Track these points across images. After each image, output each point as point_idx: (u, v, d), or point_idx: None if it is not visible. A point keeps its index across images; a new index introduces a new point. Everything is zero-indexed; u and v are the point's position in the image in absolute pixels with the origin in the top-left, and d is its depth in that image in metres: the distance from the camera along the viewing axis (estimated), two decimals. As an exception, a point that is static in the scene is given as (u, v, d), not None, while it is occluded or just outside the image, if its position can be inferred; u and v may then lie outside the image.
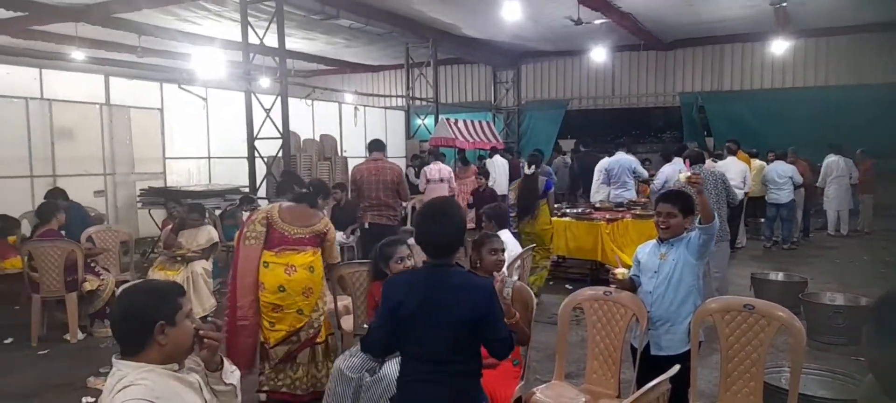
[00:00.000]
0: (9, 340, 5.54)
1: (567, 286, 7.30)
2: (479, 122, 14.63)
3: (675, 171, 6.80)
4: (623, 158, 8.88)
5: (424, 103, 15.60)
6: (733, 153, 9.22)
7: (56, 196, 6.91)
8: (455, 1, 11.13)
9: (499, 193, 11.58)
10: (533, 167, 7.19)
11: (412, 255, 3.49)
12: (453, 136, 13.12)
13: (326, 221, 4.09)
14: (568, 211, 7.85)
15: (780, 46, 13.30)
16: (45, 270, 5.50)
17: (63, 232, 5.95)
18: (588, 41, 13.84)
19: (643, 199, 8.89)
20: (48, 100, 8.98)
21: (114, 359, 1.88)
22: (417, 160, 12.98)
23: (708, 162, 7.89)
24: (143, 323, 1.84)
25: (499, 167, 11.63)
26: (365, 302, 3.91)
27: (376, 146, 6.78)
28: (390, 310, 2.40)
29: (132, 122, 9.95)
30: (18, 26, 11.59)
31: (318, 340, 3.96)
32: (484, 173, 9.28)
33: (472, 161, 12.72)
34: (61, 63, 12.93)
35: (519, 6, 10.26)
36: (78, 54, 13.02)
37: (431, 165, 11.02)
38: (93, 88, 9.64)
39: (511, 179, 12.29)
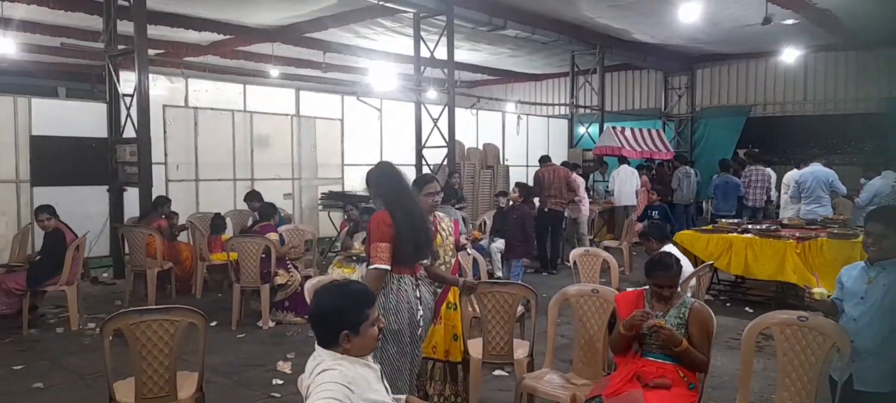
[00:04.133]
0: (214, 323, 6.30)
1: (747, 309, 6.71)
2: (648, 130, 13.98)
3: (886, 185, 5.95)
4: (818, 170, 7.97)
5: (589, 111, 15.26)
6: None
7: (254, 198, 7.79)
8: (626, 5, 10.75)
9: (624, 204, 11.10)
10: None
11: (441, 194, 3.71)
12: (619, 145, 12.67)
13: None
14: (750, 227, 7.18)
15: None
16: (245, 263, 6.19)
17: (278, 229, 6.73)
18: (775, 42, 12.63)
19: (840, 216, 7.86)
20: (250, 112, 10.14)
21: (316, 345, 2.08)
22: (578, 170, 12.69)
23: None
24: (330, 328, 2.03)
25: (624, 177, 11.18)
26: (498, 323, 3.90)
27: (545, 159, 10.01)
28: None
29: (317, 132, 10.91)
30: (226, 48, 13.23)
31: (451, 358, 3.91)
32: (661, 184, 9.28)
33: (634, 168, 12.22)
34: (260, 79, 14.53)
35: (697, 7, 9.66)
36: (273, 71, 14.54)
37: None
38: (285, 101, 10.73)
39: (662, 189, 11.71)
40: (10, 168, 8.19)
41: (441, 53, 10.48)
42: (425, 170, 11.04)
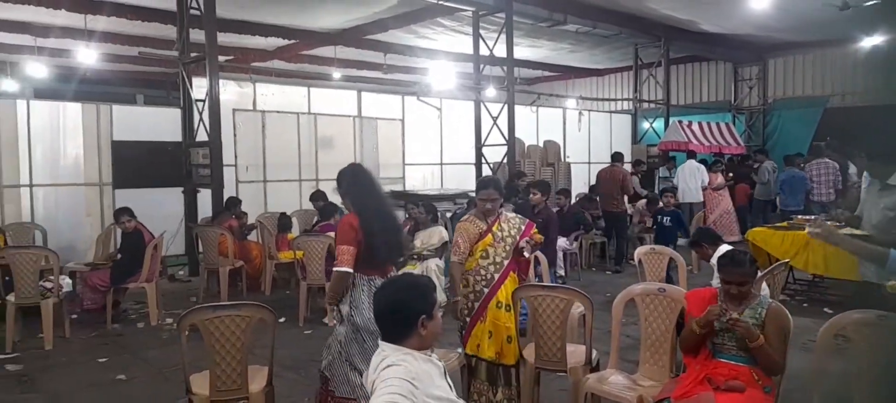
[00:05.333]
0: (282, 319, 6.50)
1: (825, 309, 6.37)
2: (717, 124, 13.48)
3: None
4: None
5: (653, 106, 14.85)
6: None
7: (319, 197, 7.99)
8: (692, -5, 10.42)
9: (689, 201, 10.66)
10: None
11: (500, 199, 3.89)
12: (686, 140, 12.27)
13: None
14: (827, 223, 6.81)
15: None
16: (310, 261, 6.36)
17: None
18: (856, 28, 11.93)
19: None
20: (314, 114, 10.41)
21: (380, 341, 2.12)
22: (642, 166, 12.41)
23: None
24: (407, 316, 2.07)
25: (688, 173, 10.74)
26: (550, 327, 3.78)
27: (616, 157, 9.91)
28: None
29: (378, 132, 11.09)
30: (291, 52, 13.61)
31: (504, 360, 3.81)
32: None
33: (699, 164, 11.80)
34: (323, 82, 14.88)
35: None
36: (336, 73, 14.87)
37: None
38: (348, 103, 10.95)
39: (738, 183, 11.22)
40: (94, 171, 8.70)
41: (500, 51, 10.44)
42: (485, 168, 11.02)
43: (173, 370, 4.93)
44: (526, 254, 3.91)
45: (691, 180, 10.86)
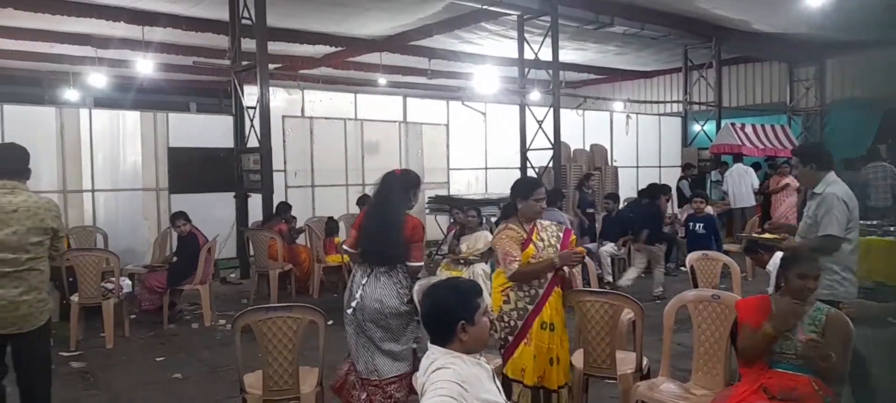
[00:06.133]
0: (330, 322, 6.58)
1: (890, 319, 6.08)
2: (772, 126, 13.06)
3: None
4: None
5: (704, 108, 14.49)
6: None
7: (365, 202, 8.08)
8: (745, -6, 10.13)
9: (740, 205, 10.28)
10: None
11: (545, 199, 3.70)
12: (739, 143, 11.94)
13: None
14: (892, 228, 6.52)
15: None
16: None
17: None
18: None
19: None
20: (360, 120, 10.57)
21: (429, 344, 2.14)
22: (692, 169, 12.11)
23: None
24: (447, 320, 2.08)
25: (737, 177, 10.35)
26: (599, 333, 3.69)
27: (655, 191, 8.95)
28: None
29: (423, 137, 11.17)
30: (338, 59, 13.84)
31: (546, 384, 3.51)
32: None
33: (762, 168, 11.45)
34: (369, 88, 15.07)
35: (826, -9, 8.94)
36: (382, 80, 15.04)
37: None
38: (393, 108, 11.08)
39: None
40: (152, 177, 9.04)
41: (545, 54, 10.38)
42: (530, 172, 10.95)
43: (226, 369, 5.07)
44: (565, 271, 3.66)
45: (741, 184, 10.52)
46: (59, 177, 8.42)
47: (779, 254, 4.43)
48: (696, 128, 15.06)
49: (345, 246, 3.83)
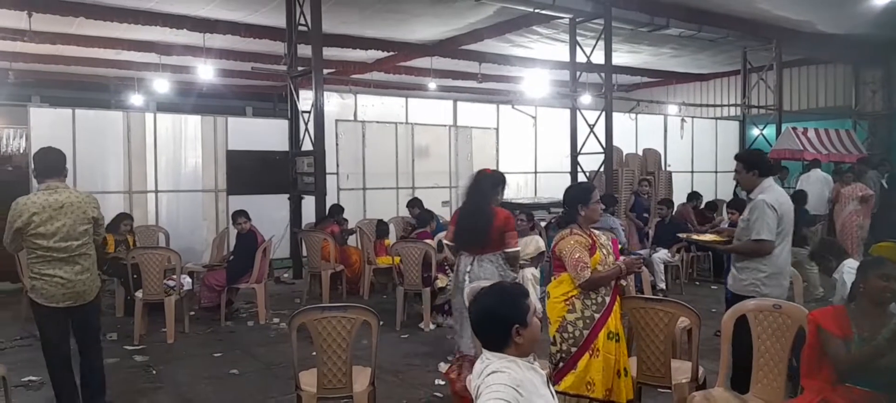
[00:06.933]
0: (380, 323, 6.68)
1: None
2: (836, 131, 12.52)
3: None
4: None
5: (764, 111, 14.02)
6: None
7: (415, 205, 8.17)
8: (807, -7, 9.76)
9: (813, 214, 9.79)
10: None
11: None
12: (801, 148, 11.49)
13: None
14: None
15: None
16: (407, 267, 6.51)
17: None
18: None
19: None
20: (411, 124, 10.67)
21: (482, 350, 2.14)
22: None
23: None
24: (501, 325, 2.08)
25: (813, 183, 9.86)
26: (653, 342, 3.59)
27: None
28: None
29: (473, 141, 11.20)
30: (389, 64, 14.01)
31: (614, 398, 3.36)
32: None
33: (827, 174, 10.95)
34: (420, 92, 15.20)
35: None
36: (432, 84, 15.15)
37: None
38: (443, 112, 11.14)
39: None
40: (211, 179, 9.36)
41: (598, 58, 10.25)
42: (580, 177, 10.82)
43: (281, 366, 5.20)
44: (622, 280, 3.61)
45: (818, 191, 10.01)
46: (126, 178, 8.81)
47: (850, 261, 4.26)
48: (755, 132, 14.56)
49: (444, 240, 4.47)
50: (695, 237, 5.63)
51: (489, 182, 4.46)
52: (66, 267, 3.79)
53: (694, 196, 10.11)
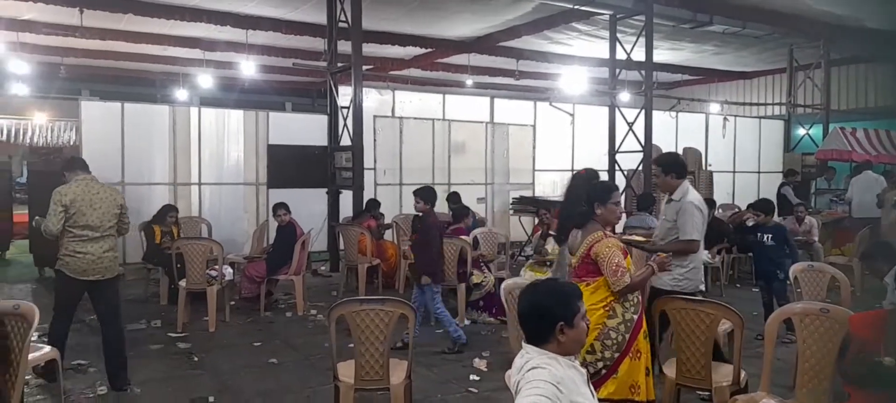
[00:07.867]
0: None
1: None
2: (886, 132, 12.09)
3: None
4: None
5: (810, 111, 13.61)
6: None
7: (454, 200, 8.20)
8: (858, -11, 9.43)
9: (862, 215, 9.43)
10: None
11: None
12: (849, 149, 11.12)
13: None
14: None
15: None
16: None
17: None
18: None
19: None
20: (448, 120, 10.70)
21: (523, 343, 2.15)
22: (795, 176, 11.41)
23: None
24: (546, 320, 2.08)
25: (864, 185, 9.47)
26: (693, 343, 3.52)
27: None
28: None
29: (509, 138, 11.17)
30: (427, 61, 14.07)
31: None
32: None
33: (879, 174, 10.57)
34: (457, 89, 15.22)
35: (955, -16, 8.17)
36: (469, 80, 15.14)
37: None
38: (480, 109, 11.14)
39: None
40: (252, 172, 9.55)
41: (638, 54, 10.10)
42: (618, 175, 10.70)
43: (318, 357, 5.29)
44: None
45: (868, 193, 9.66)
46: (171, 170, 9.06)
47: None
48: (801, 131, 14.16)
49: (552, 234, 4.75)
50: (626, 238, 5.28)
51: (582, 181, 4.20)
52: (95, 246, 4.45)
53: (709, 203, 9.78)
